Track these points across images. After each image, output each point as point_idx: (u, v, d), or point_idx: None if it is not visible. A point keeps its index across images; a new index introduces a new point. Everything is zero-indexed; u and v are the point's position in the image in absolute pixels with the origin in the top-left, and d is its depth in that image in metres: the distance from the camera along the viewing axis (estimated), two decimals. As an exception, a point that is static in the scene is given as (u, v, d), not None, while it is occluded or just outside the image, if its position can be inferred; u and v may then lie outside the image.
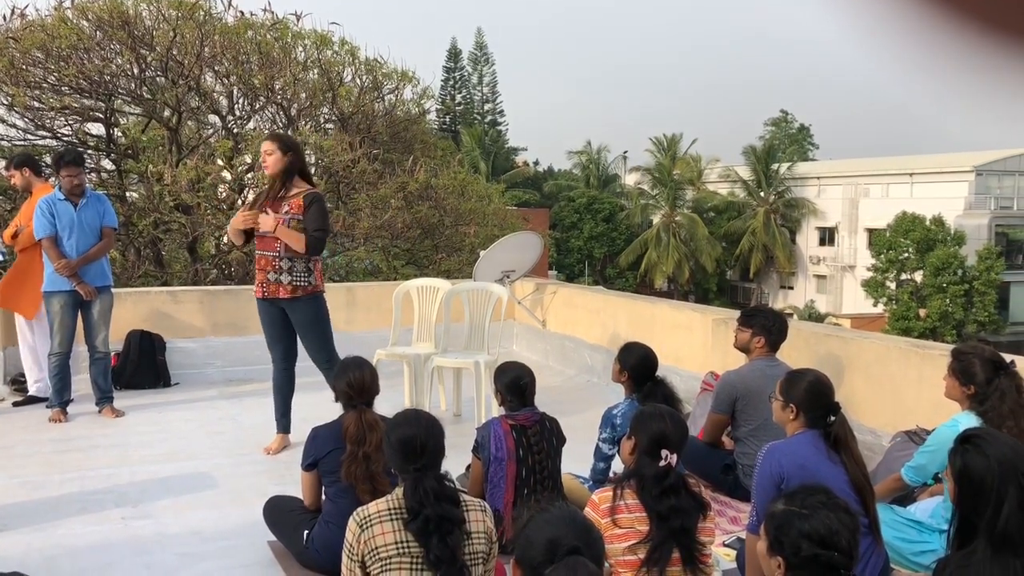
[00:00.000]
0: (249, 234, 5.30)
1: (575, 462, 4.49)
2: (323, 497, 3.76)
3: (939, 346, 5.03)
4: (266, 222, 5.04)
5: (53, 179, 6.43)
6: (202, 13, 10.81)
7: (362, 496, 3.42)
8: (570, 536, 2.06)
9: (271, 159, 5.09)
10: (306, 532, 3.69)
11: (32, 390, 6.70)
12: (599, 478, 4.31)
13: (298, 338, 5.40)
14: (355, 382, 3.65)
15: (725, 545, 3.96)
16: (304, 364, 5.46)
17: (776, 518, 2.29)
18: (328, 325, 5.40)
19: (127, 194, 11.51)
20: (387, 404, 3.91)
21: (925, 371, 4.62)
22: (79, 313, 6.23)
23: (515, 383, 4.00)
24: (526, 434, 3.90)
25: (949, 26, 0.63)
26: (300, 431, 3.74)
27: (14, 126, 10.96)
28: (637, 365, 4.41)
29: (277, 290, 5.17)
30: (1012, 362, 3.78)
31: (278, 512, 3.93)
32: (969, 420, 3.56)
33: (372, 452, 3.48)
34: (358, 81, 12.05)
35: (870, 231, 42.69)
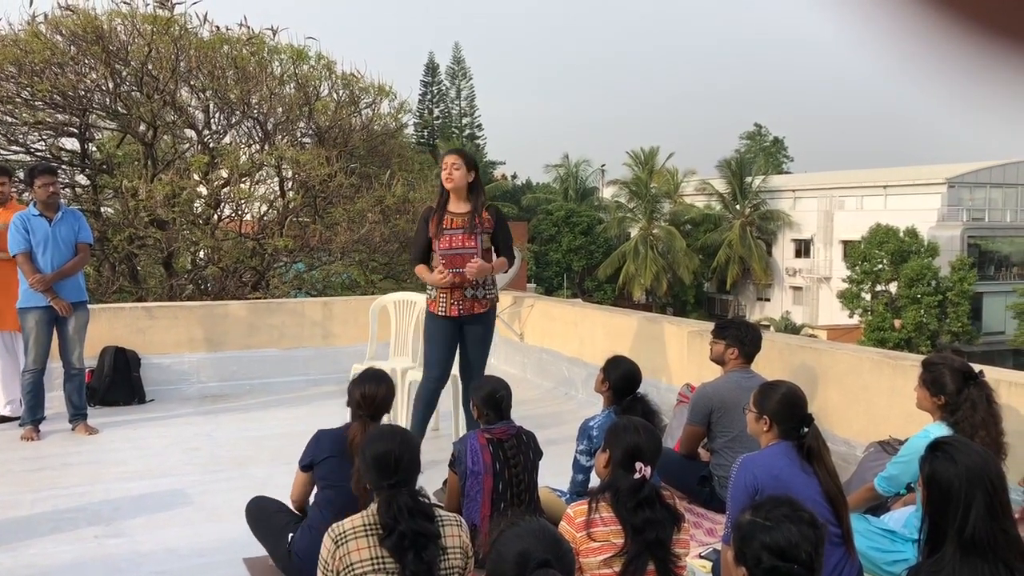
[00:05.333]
0: (428, 254, 5.31)
1: (553, 475, 4.50)
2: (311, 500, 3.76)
3: (911, 357, 5.09)
4: (479, 269, 5.12)
5: (27, 194, 6.34)
6: (177, 28, 10.76)
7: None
8: (540, 549, 2.07)
9: (457, 174, 5.19)
10: (290, 535, 3.67)
11: (5, 411, 6.59)
12: (579, 490, 4.31)
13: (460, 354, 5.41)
14: (368, 394, 3.69)
15: (701, 557, 3.97)
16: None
17: (741, 529, 2.31)
18: None
19: (102, 209, 11.42)
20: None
21: (897, 382, 4.68)
22: (54, 329, 6.17)
23: (491, 397, 4.01)
24: (503, 448, 3.91)
25: (939, 29, 0.63)
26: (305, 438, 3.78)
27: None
28: (620, 378, 4.45)
29: (473, 306, 5.27)
30: (981, 372, 3.84)
31: (262, 513, 3.88)
32: (940, 430, 3.60)
33: None
34: (335, 95, 12.02)
35: (845, 243, 43.11)
